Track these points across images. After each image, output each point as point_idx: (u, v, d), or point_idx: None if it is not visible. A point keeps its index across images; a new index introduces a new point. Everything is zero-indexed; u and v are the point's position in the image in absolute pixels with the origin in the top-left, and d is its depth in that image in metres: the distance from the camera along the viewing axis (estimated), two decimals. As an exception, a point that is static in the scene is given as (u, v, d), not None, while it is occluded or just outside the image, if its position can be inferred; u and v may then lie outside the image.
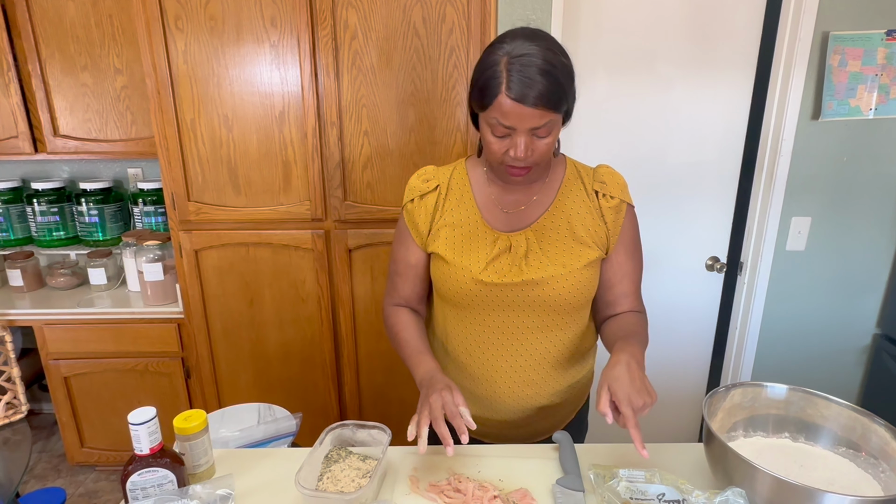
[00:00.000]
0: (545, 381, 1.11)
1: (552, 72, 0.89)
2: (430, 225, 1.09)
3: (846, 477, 0.90)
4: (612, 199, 1.06)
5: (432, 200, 1.09)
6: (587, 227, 1.06)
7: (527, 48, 0.89)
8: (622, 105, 1.98)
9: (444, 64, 1.74)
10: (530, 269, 1.03)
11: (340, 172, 1.84)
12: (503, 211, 1.08)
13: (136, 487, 0.87)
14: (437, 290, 1.11)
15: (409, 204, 1.11)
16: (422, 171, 1.13)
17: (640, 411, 0.86)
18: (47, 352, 2.12)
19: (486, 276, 1.03)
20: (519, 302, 1.05)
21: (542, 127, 0.92)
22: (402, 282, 1.16)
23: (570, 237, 1.05)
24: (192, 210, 1.89)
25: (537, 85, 0.88)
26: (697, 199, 2.08)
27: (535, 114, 0.90)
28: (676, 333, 2.22)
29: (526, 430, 1.16)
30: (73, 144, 2.11)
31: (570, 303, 1.05)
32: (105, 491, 2.27)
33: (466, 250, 1.05)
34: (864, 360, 2.17)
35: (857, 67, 1.83)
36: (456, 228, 1.07)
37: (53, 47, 2.01)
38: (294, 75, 1.75)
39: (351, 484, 0.92)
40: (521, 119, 0.91)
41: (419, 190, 1.10)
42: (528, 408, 1.13)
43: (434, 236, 1.09)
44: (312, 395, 2.10)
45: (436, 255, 1.08)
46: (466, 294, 1.05)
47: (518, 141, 0.93)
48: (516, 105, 0.89)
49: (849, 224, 2.01)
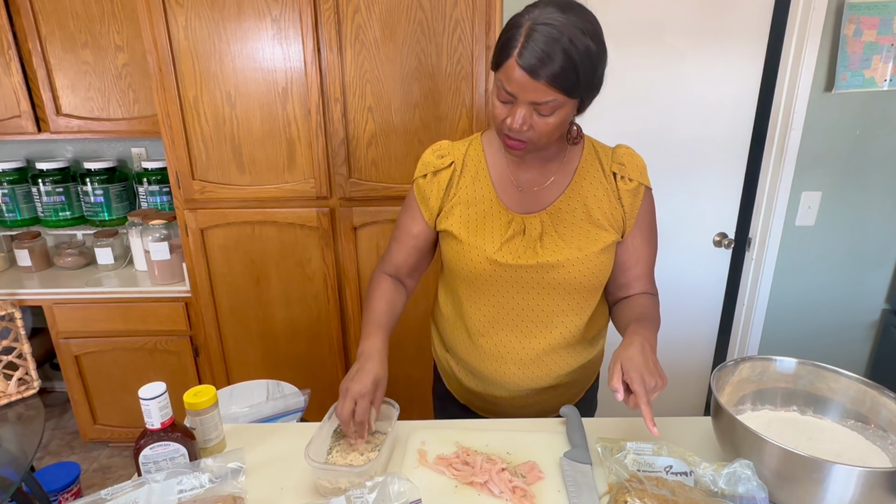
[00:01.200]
0: (555, 362, 1.10)
1: (572, 52, 0.83)
2: (441, 202, 1.07)
3: (854, 449, 0.90)
4: (630, 182, 1.04)
5: (446, 177, 1.07)
6: (604, 209, 1.03)
7: (554, 18, 0.83)
8: (630, 78, 1.94)
9: (448, 37, 1.70)
10: (545, 252, 1.01)
11: (345, 150, 1.82)
12: (518, 189, 1.05)
13: (149, 461, 0.88)
14: (451, 268, 1.09)
15: (421, 179, 1.09)
16: (436, 147, 1.10)
17: (651, 392, 0.85)
18: (57, 331, 2.14)
19: (500, 256, 1.01)
20: (533, 283, 1.03)
21: (543, 104, 0.88)
22: (398, 248, 1.14)
23: (586, 220, 1.03)
24: (196, 189, 1.88)
25: (550, 61, 0.83)
26: (706, 173, 2.05)
27: (539, 88, 0.86)
28: (683, 309, 2.22)
29: (534, 408, 1.16)
30: (75, 123, 2.10)
31: (584, 286, 1.03)
32: (118, 466, 2.31)
33: (480, 229, 1.03)
34: (873, 335, 2.17)
35: (872, 37, 1.78)
36: (470, 206, 1.05)
37: (53, 24, 1.99)
38: (296, 50, 1.73)
39: (360, 457, 0.92)
40: (523, 89, 0.87)
41: (433, 166, 1.07)
42: (537, 387, 1.12)
43: (447, 214, 1.06)
44: (320, 371, 2.11)
45: (448, 232, 1.06)
46: (480, 273, 1.04)
47: (517, 111, 0.90)
48: (522, 74, 0.85)
49: (860, 199, 1.99)
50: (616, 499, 0.82)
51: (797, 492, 0.80)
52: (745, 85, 1.94)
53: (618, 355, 0.89)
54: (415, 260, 1.15)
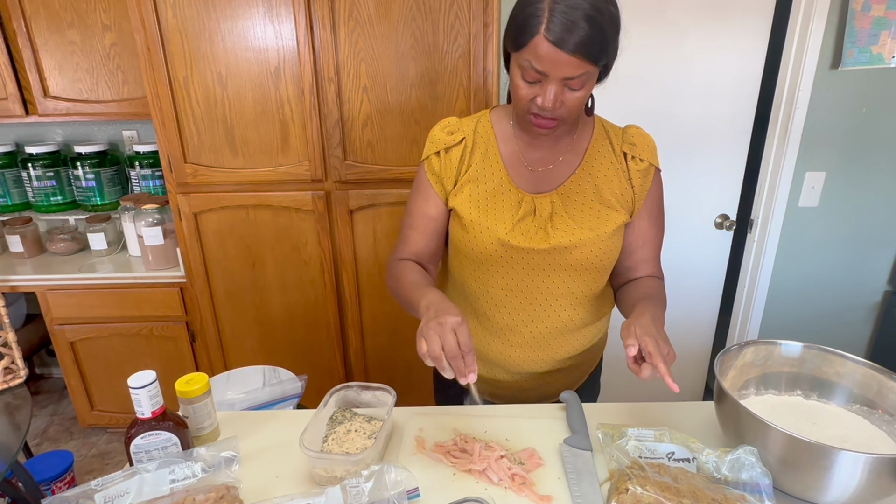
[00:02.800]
0: (561, 345, 1.09)
1: (598, 19, 0.81)
2: (455, 179, 1.03)
3: (860, 434, 0.89)
4: (641, 163, 1.02)
5: (457, 154, 1.03)
6: (614, 190, 1.01)
7: None
8: (631, 56, 1.86)
9: (444, 14, 1.65)
10: (557, 233, 0.99)
11: (340, 131, 1.78)
12: (528, 168, 1.02)
13: (140, 450, 0.86)
14: (459, 248, 1.06)
15: (434, 157, 1.04)
16: (445, 123, 1.06)
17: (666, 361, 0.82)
18: (52, 317, 2.12)
19: (512, 237, 0.99)
20: (544, 265, 1.01)
21: (576, 78, 0.86)
22: (416, 235, 1.07)
23: (596, 201, 1.01)
24: (189, 172, 1.85)
25: (580, 31, 0.81)
26: (707, 154, 2.01)
27: (572, 62, 0.83)
28: (684, 292, 2.19)
29: (537, 391, 1.15)
30: (64, 106, 2.05)
31: (594, 267, 1.02)
32: (117, 451, 2.31)
33: (491, 209, 1.00)
34: (874, 317, 2.15)
35: (881, 12, 1.73)
36: (480, 185, 1.01)
37: (38, 3, 1.93)
38: (289, 29, 1.68)
39: (356, 445, 0.91)
40: (555, 66, 0.84)
41: (444, 143, 1.03)
42: (541, 371, 1.11)
43: (457, 191, 1.03)
44: (317, 357, 2.10)
45: (456, 213, 1.03)
46: (490, 255, 1.01)
47: (548, 89, 0.87)
48: (553, 49, 0.82)
49: (865, 179, 1.95)
50: (617, 486, 0.81)
51: (802, 478, 0.78)
52: (749, 62, 1.89)
53: (630, 322, 0.87)
54: (436, 244, 1.10)
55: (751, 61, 1.89)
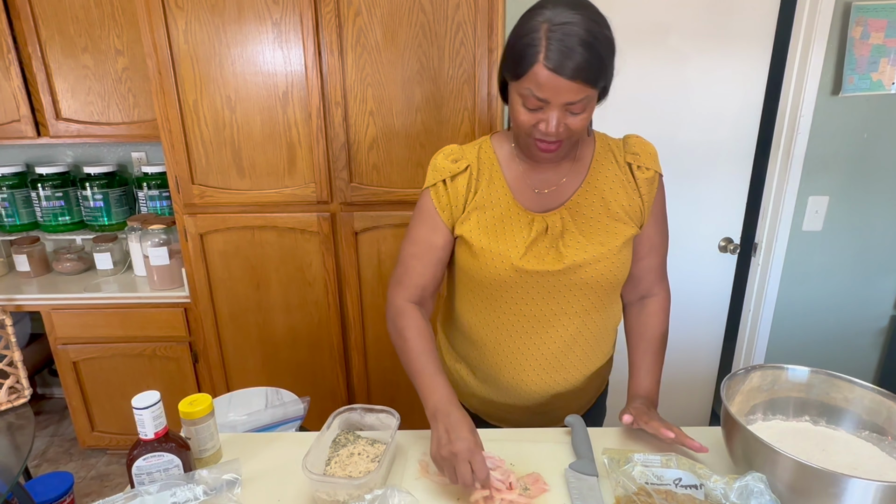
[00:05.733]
0: (574, 366, 1.08)
1: (594, 44, 0.84)
2: (463, 207, 1.03)
3: (870, 461, 0.87)
4: (647, 171, 1.03)
5: (464, 182, 1.02)
6: (621, 202, 1.02)
7: (569, 16, 0.83)
8: (634, 81, 1.92)
9: (450, 41, 1.69)
10: (569, 252, 0.99)
11: (346, 154, 1.80)
12: (535, 191, 1.02)
13: (142, 472, 0.86)
14: (469, 276, 1.04)
15: (440, 185, 1.02)
16: (448, 151, 1.05)
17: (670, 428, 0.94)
18: (55, 337, 2.12)
19: (526, 262, 0.98)
20: (559, 287, 1.00)
21: (577, 102, 0.87)
22: (420, 266, 1.05)
23: (605, 214, 1.01)
24: (196, 193, 1.87)
25: (577, 56, 0.82)
26: (711, 178, 2.02)
27: (573, 87, 0.85)
28: (688, 316, 2.19)
29: (547, 416, 1.14)
30: (75, 128, 2.09)
31: (610, 282, 1.02)
32: (116, 474, 2.28)
33: (501, 235, 1.00)
34: (881, 342, 2.13)
35: (879, 40, 1.76)
36: (487, 211, 1.01)
37: (53, 29, 1.98)
38: (297, 54, 1.71)
39: (359, 468, 0.90)
40: (556, 92, 0.85)
41: (449, 171, 1.02)
42: (552, 394, 1.09)
43: (464, 219, 1.02)
44: (320, 378, 2.09)
45: (464, 240, 1.02)
46: (504, 282, 1.00)
47: (551, 115, 0.88)
48: (553, 76, 0.84)
49: (868, 203, 1.96)
50: (624, 513, 0.80)
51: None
52: (750, 88, 1.92)
53: (631, 409, 1.00)
54: (440, 275, 1.08)
55: (752, 87, 1.92)
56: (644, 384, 1.06)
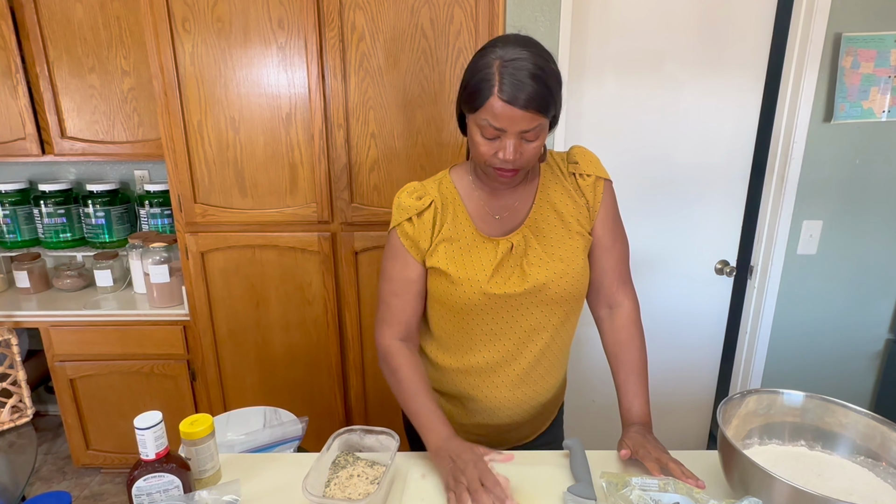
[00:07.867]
0: (543, 378, 1.12)
1: (542, 76, 0.91)
2: (430, 240, 1.07)
3: (865, 487, 0.88)
4: (588, 178, 1.09)
5: (429, 217, 1.06)
6: (571, 211, 1.08)
7: (518, 53, 0.91)
8: (630, 106, 1.96)
9: (451, 65, 1.73)
10: (532, 270, 1.04)
11: (347, 175, 1.83)
12: (496, 218, 1.08)
13: (142, 493, 0.86)
14: (441, 301, 1.08)
15: (406, 223, 1.07)
16: (410, 189, 1.09)
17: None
18: (53, 353, 2.11)
19: (494, 286, 1.03)
20: (527, 304, 1.05)
21: (531, 130, 0.93)
22: (401, 303, 1.10)
23: (561, 227, 1.07)
24: (198, 212, 1.88)
25: (528, 88, 0.89)
26: (706, 202, 2.06)
27: (526, 116, 0.91)
28: (685, 338, 2.20)
29: (518, 432, 1.17)
30: (80, 146, 2.11)
31: (573, 295, 1.07)
32: (110, 493, 2.26)
33: (468, 263, 1.04)
34: (877, 366, 2.14)
35: (869, 69, 1.81)
36: (453, 243, 1.06)
37: (61, 49, 2.01)
38: (301, 77, 1.75)
39: (358, 490, 0.90)
40: (511, 121, 0.92)
41: (415, 208, 1.06)
42: (526, 408, 1.13)
43: (432, 251, 1.06)
44: (318, 398, 2.08)
45: (436, 269, 1.06)
46: (475, 306, 1.05)
47: (507, 143, 0.94)
48: (507, 107, 0.90)
49: (861, 228, 1.99)
50: (622, 537, 0.80)
51: (808, 532, 0.77)
52: (744, 114, 1.96)
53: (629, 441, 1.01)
54: (420, 307, 1.13)
55: (746, 113, 1.96)
56: (634, 409, 1.08)
